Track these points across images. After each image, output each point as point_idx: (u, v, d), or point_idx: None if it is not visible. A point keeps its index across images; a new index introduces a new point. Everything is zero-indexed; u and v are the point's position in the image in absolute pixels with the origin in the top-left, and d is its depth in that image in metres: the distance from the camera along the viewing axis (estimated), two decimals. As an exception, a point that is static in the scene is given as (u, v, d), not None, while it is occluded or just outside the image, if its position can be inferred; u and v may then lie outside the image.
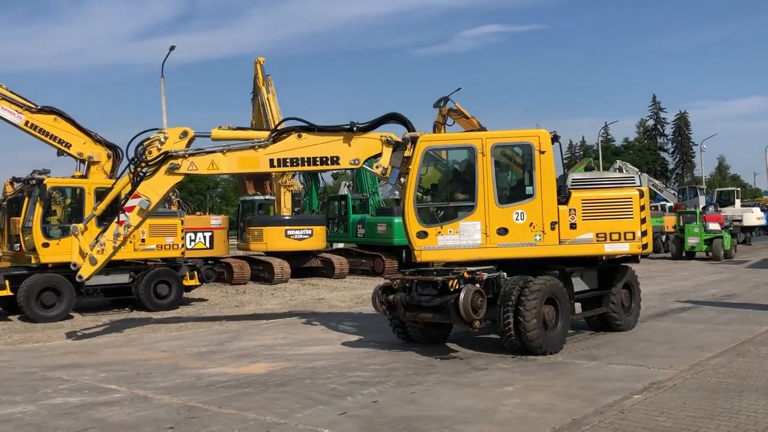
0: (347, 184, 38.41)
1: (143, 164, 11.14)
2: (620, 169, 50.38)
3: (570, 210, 9.99)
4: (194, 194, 57.88)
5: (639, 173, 38.82)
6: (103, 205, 11.68)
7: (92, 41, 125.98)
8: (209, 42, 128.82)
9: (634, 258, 11.24)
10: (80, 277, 11.05)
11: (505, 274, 9.63)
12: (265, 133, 11.36)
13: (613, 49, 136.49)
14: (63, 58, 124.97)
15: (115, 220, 11.12)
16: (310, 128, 11.04)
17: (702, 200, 45.44)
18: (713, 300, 15.56)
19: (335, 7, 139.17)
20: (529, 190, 10.05)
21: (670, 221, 34.25)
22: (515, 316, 9.16)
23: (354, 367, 8.92)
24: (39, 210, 14.29)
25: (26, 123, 15.12)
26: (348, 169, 11.14)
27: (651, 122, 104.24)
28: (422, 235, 9.93)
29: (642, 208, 10.18)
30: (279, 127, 11.37)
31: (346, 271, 23.24)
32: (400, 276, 10.15)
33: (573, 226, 9.96)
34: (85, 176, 15.33)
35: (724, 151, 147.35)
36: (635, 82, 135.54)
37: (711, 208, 41.83)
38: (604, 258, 10.95)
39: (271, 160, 11.10)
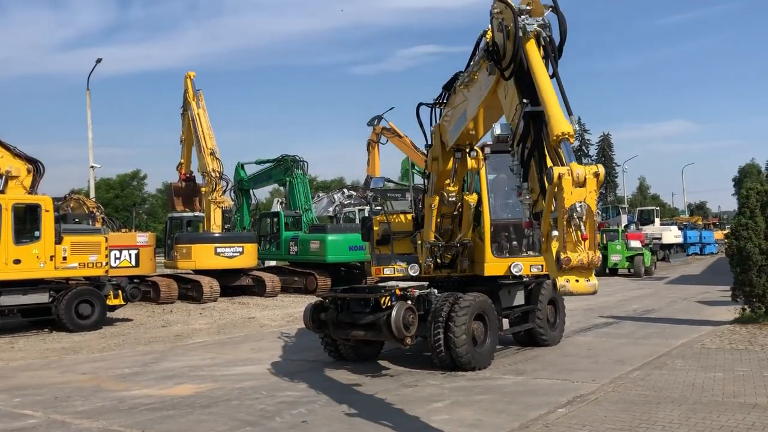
0: (280, 200, 38.07)
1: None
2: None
3: None
4: (120, 210, 56.15)
5: None
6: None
7: (16, 51, 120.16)
8: (142, 54, 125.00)
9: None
10: None
11: (435, 291, 9.76)
12: None
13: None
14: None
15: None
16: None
17: (624, 219, 47.24)
18: (634, 315, 16.18)
19: (271, 22, 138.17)
20: None
21: (594, 239, 35.36)
22: (445, 333, 9.28)
23: (284, 387, 8.81)
24: (-49, 226, 13.53)
25: (-62, 136, 14.36)
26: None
27: (576, 143, 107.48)
28: None
29: None
30: None
31: (278, 290, 22.95)
32: (332, 294, 10.13)
33: None
34: (2, 191, 14.65)
35: (645, 171, 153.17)
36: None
37: (632, 227, 43.59)
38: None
39: None
